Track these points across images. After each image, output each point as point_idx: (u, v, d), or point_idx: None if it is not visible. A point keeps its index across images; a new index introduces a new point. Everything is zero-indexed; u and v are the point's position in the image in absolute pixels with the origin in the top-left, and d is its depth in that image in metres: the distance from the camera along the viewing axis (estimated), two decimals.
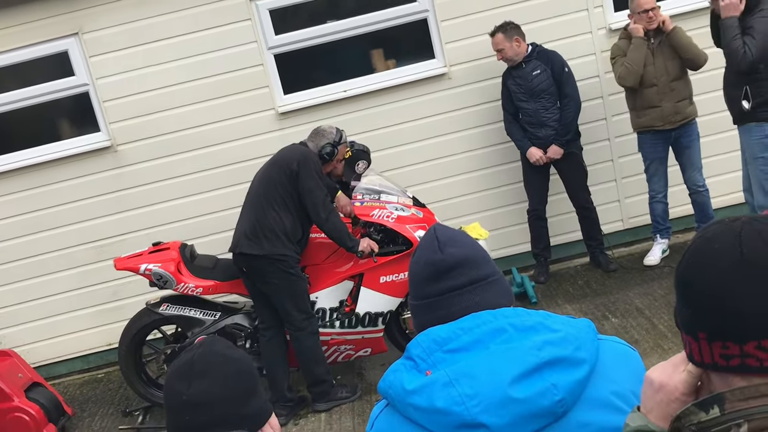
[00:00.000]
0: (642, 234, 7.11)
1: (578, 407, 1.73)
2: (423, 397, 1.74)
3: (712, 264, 1.29)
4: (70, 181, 6.73)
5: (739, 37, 5.40)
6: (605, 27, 6.81)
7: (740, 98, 5.62)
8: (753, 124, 5.69)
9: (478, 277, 1.87)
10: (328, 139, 5.50)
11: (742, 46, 5.39)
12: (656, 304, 6.08)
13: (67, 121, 6.96)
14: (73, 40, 6.54)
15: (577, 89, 6.45)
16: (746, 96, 5.60)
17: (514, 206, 6.95)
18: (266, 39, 6.65)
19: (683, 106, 6.32)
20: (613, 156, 7.02)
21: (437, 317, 1.86)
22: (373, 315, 5.66)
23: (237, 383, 1.98)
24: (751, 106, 5.60)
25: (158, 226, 6.71)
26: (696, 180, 6.52)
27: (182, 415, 1.93)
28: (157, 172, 6.73)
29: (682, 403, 1.37)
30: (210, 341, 2.06)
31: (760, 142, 5.70)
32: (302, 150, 5.42)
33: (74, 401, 6.52)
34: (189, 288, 5.66)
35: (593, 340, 1.82)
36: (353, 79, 6.82)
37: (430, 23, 6.76)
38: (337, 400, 5.65)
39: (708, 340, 1.30)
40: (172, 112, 6.65)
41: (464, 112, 6.85)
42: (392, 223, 5.62)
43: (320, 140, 5.50)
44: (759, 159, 5.74)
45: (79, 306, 6.93)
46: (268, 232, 5.30)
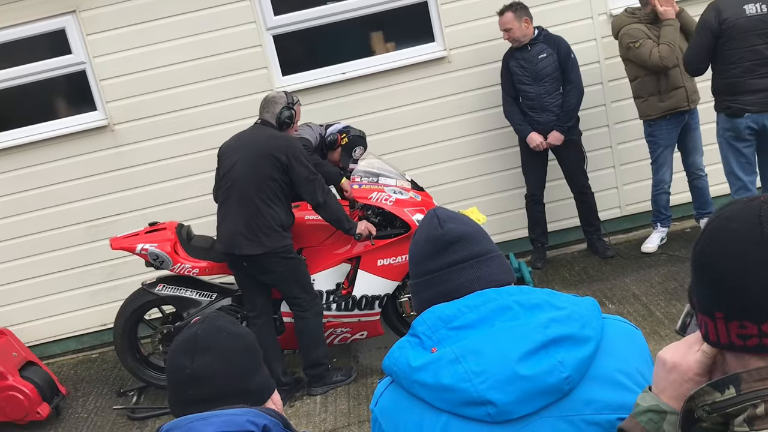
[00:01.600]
0: (639, 221, 7.11)
1: (584, 384, 1.73)
2: (429, 374, 1.74)
3: (732, 244, 1.28)
4: (66, 160, 6.69)
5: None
6: (606, 12, 6.78)
7: None
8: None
9: (479, 252, 1.87)
10: (282, 104, 5.39)
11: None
12: (653, 290, 6.08)
13: (63, 99, 6.92)
14: (70, 17, 6.49)
15: (580, 76, 6.43)
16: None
17: (512, 191, 6.94)
18: (265, 20, 6.61)
19: (696, 86, 6.37)
20: (612, 142, 7.01)
21: (438, 292, 1.86)
22: (370, 298, 5.65)
23: (240, 358, 1.97)
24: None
25: (154, 207, 6.68)
26: (698, 164, 6.53)
27: (185, 390, 1.92)
28: (153, 152, 6.69)
29: (696, 383, 1.36)
30: (213, 317, 2.05)
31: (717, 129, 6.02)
32: (283, 138, 5.31)
33: (68, 381, 6.50)
34: (185, 268, 5.64)
35: (598, 318, 1.82)
36: (352, 62, 6.78)
37: (430, 6, 6.72)
38: (333, 384, 5.65)
39: (725, 319, 1.29)
40: (169, 91, 6.61)
41: (463, 96, 6.82)
42: (390, 206, 5.60)
43: (275, 107, 5.38)
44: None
45: (74, 286, 6.91)
46: (266, 229, 5.23)
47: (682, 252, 6.59)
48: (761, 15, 5.59)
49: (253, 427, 1.84)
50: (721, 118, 5.89)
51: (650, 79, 6.26)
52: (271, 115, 5.38)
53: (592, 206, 6.74)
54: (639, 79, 6.32)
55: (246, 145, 5.31)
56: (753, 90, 5.69)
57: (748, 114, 5.73)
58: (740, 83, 5.70)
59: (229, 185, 5.29)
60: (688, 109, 6.33)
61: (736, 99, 5.74)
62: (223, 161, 5.41)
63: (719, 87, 5.83)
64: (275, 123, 5.37)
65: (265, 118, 5.41)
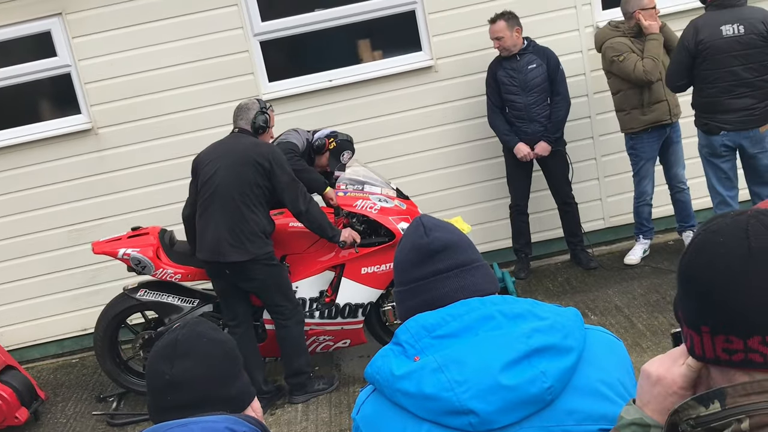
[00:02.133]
0: (623, 233, 7.13)
1: (566, 394, 1.73)
2: (412, 383, 1.73)
3: (719, 257, 1.28)
4: (49, 163, 6.65)
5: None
6: (592, 25, 6.81)
7: None
8: None
9: (464, 262, 1.88)
10: (255, 109, 5.37)
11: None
12: (635, 302, 6.10)
13: (47, 102, 6.88)
14: (56, 20, 6.46)
15: (567, 88, 6.46)
16: None
17: (496, 201, 6.95)
18: (252, 25, 6.60)
19: (678, 100, 6.40)
20: (596, 154, 7.04)
21: (423, 301, 1.86)
22: (353, 306, 5.64)
23: (220, 364, 1.95)
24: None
25: (137, 211, 6.65)
26: (680, 177, 6.56)
27: (164, 395, 1.90)
28: (137, 156, 6.66)
29: (680, 397, 1.35)
30: (194, 322, 2.03)
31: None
32: (264, 145, 5.30)
33: (48, 386, 6.45)
34: (167, 274, 5.61)
35: (581, 329, 1.82)
36: (339, 69, 6.78)
37: (418, 15, 6.73)
38: (314, 392, 5.62)
39: (711, 333, 1.29)
40: (154, 96, 6.59)
41: (449, 106, 6.83)
42: (375, 214, 5.59)
43: (248, 114, 5.35)
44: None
45: (55, 290, 6.85)
46: (251, 235, 5.19)
47: (665, 264, 6.62)
48: (738, 36, 5.61)
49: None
50: (699, 134, 5.97)
51: (633, 93, 6.29)
52: (246, 122, 5.36)
53: (576, 217, 6.76)
54: (622, 92, 6.35)
55: (227, 153, 5.27)
56: (730, 110, 5.74)
57: (724, 132, 5.79)
58: (718, 102, 5.75)
59: (210, 192, 5.24)
60: (670, 123, 6.37)
61: (713, 117, 5.80)
62: (201, 170, 5.32)
63: (698, 104, 5.90)
64: (251, 129, 5.34)
65: (241, 126, 5.37)
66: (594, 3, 6.82)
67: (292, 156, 5.60)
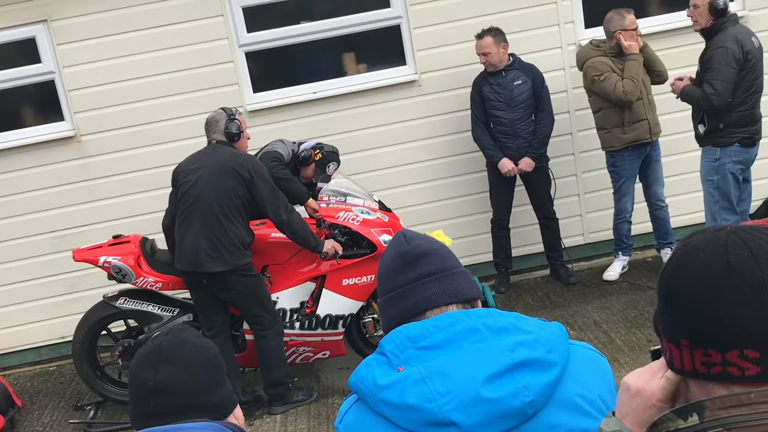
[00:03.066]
0: (602, 249, 7.19)
1: (548, 409, 1.75)
2: (395, 393, 1.75)
3: (698, 272, 1.29)
4: (30, 169, 6.63)
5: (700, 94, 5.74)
6: (575, 43, 6.88)
7: (698, 122, 5.84)
8: (707, 147, 5.95)
9: (444, 267, 1.90)
10: (223, 118, 5.35)
11: (706, 96, 5.68)
12: (614, 318, 6.14)
13: (30, 108, 6.85)
14: (41, 26, 6.45)
15: (552, 105, 6.52)
16: (702, 120, 5.89)
17: (478, 216, 6.99)
18: (238, 36, 6.62)
19: (657, 119, 6.47)
20: (577, 171, 7.10)
21: (406, 307, 1.87)
22: (334, 317, 5.65)
23: (204, 372, 1.96)
24: (705, 131, 5.84)
25: (119, 219, 6.63)
26: (659, 195, 6.62)
27: (147, 402, 1.91)
28: (120, 164, 6.65)
29: (659, 409, 1.36)
30: (178, 329, 2.04)
31: (711, 166, 5.94)
32: (244, 155, 5.31)
33: (24, 393, 6.40)
34: (148, 282, 5.59)
35: (564, 344, 1.84)
36: (323, 81, 6.81)
37: (402, 30, 6.78)
38: (293, 403, 5.61)
39: (690, 347, 1.30)
40: (139, 104, 6.59)
41: (433, 120, 6.87)
42: (357, 225, 5.61)
43: (219, 125, 5.34)
44: (708, 181, 6.00)
45: (34, 297, 6.81)
46: (229, 246, 5.19)
47: (644, 281, 6.68)
48: (759, 47, 5.82)
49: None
50: (733, 150, 5.86)
51: (613, 112, 6.35)
52: (220, 133, 5.34)
53: (557, 232, 6.81)
54: (602, 111, 6.41)
55: (207, 163, 5.26)
56: (759, 118, 5.90)
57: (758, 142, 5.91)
58: (755, 113, 5.84)
59: (190, 202, 5.22)
60: (650, 141, 6.43)
61: (750, 128, 5.85)
62: (181, 180, 5.31)
63: (733, 119, 5.80)
64: (226, 138, 5.34)
65: (216, 138, 5.36)
66: (577, 21, 6.90)
67: (277, 164, 5.61)
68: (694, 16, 5.81)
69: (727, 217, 5.93)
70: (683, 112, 6.41)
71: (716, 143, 5.88)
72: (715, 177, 5.93)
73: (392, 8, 6.73)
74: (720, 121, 5.80)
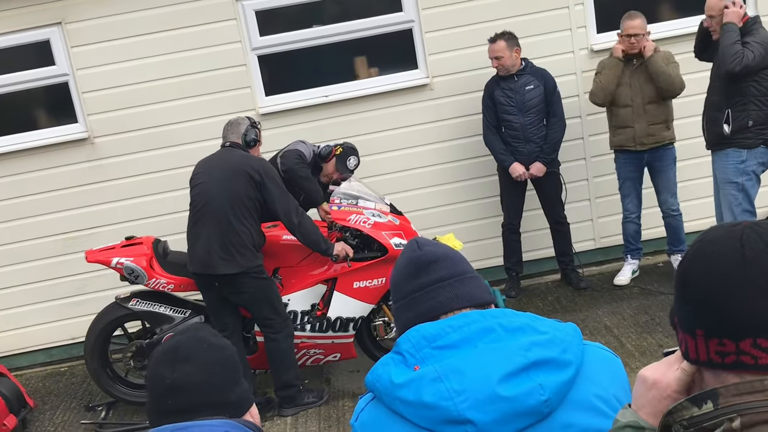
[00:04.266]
0: (613, 254, 7.18)
1: (563, 408, 1.76)
2: (411, 391, 1.76)
3: (714, 265, 1.35)
4: (44, 171, 6.66)
5: (740, 42, 5.53)
6: (587, 48, 6.89)
7: (722, 121, 5.74)
8: (731, 149, 5.82)
9: (457, 272, 1.92)
10: (245, 124, 5.43)
11: (742, 49, 5.51)
12: (625, 323, 6.14)
13: (44, 110, 6.89)
14: (56, 29, 6.49)
15: (563, 110, 6.53)
16: (727, 120, 5.73)
17: (489, 220, 6.99)
18: (251, 40, 6.65)
19: (657, 130, 6.39)
20: (589, 175, 7.10)
21: (420, 312, 1.89)
22: (345, 320, 5.66)
23: (221, 370, 1.98)
24: (731, 130, 5.71)
25: (131, 221, 6.65)
26: (670, 204, 6.60)
27: (165, 399, 1.93)
28: (133, 166, 6.68)
29: (674, 400, 1.40)
30: (195, 328, 2.06)
31: (736, 168, 5.83)
32: (256, 158, 5.35)
33: (36, 394, 6.43)
34: (160, 284, 5.62)
35: (579, 344, 1.85)
36: (335, 85, 6.83)
37: (414, 34, 6.80)
38: (304, 405, 5.63)
39: (705, 337, 1.35)
40: (152, 107, 6.62)
41: (444, 124, 6.88)
42: (369, 228, 5.63)
43: (239, 128, 5.41)
44: (732, 184, 5.87)
45: (46, 298, 6.84)
46: (241, 248, 5.22)
47: (654, 286, 6.67)
48: None
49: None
50: (759, 151, 5.80)
51: (607, 113, 6.57)
52: (237, 136, 5.41)
53: (568, 237, 6.82)
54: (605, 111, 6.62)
55: (218, 166, 5.32)
56: None
57: None
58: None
59: (202, 204, 5.28)
60: (635, 150, 6.43)
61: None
62: (195, 183, 5.39)
63: (760, 119, 5.73)
64: (242, 143, 5.39)
65: (232, 140, 5.42)
66: (589, 26, 6.90)
67: (300, 162, 5.68)
68: (711, 25, 5.77)
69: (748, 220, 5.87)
70: (693, 117, 6.42)
71: (742, 144, 5.79)
72: (741, 179, 5.85)
73: (404, 12, 6.75)
74: (749, 118, 5.70)
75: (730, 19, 5.59)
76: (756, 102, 5.69)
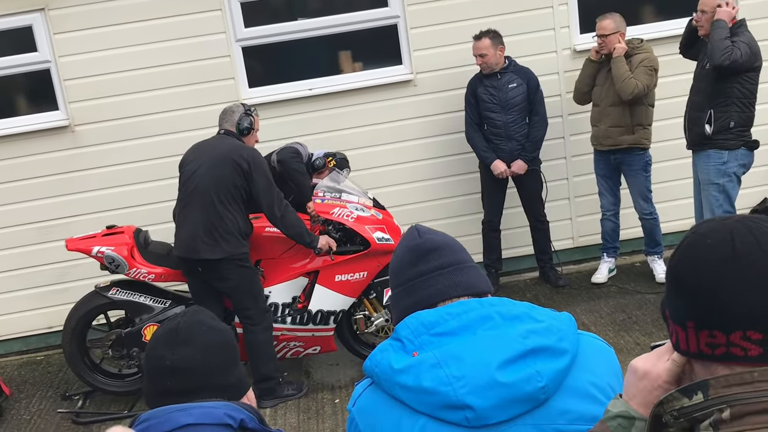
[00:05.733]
0: (591, 253, 7.24)
1: (559, 395, 1.79)
2: (410, 377, 1.78)
3: (705, 257, 1.37)
4: (23, 158, 6.60)
5: (729, 38, 5.60)
6: (570, 47, 6.94)
7: (704, 121, 5.80)
8: (712, 150, 5.89)
9: (456, 261, 1.94)
10: (240, 112, 5.45)
11: (731, 45, 5.58)
12: (602, 321, 6.20)
13: (24, 97, 6.82)
14: (38, 15, 6.43)
15: (545, 109, 6.58)
16: (709, 120, 5.80)
17: (470, 216, 7.03)
18: (235, 31, 6.64)
19: (616, 132, 6.42)
20: (569, 174, 7.15)
21: (418, 299, 1.91)
22: (326, 313, 5.67)
23: (220, 352, 1.99)
24: (712, 130, 5.78)
25: (111, 210, 6.61)
26: (641, 208, 6.65)
27: (164, 380, 1.94)
28: (114, 155, 6.64)
29: (665, 390, 1.42)
30: (194, 310, 2.07)
31: (717, 169, 5.90)
32: (247, 147, 5.35)
33: (12, 382, 6.36)
34: (141, 273, 5.59)
35: (575, 333, 1.88)
36: (319, 78, 6.84)
37: (399, 29, 6.82)
38: (283, 398, 5.64)
39: (696, 329, 1.37)
40: (134, 96, 6.58)
41: (427, 120, 6.91)
42: (352, 222, 5.64)
43: (233, 116, 5.43)
44: (713, 185, 5.94)
45: (22, 286, 6.79)
46: (225, 233, 5.24)
47: (632, 285, 6.75)
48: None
49: (230, 420, 1.87)
50: (740, 153, 5.88)
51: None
52: (231, 124, 5.43)
53: (547, 235, 6.87)
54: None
55: (209, 152, 5.34)
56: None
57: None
58: (753, 117, 5.86)
59: (190, 190, 5.30)
60: (600, 149, 6.56)
61: (749, 132, 5.88)
62: (184, 169, 5.42)
63: (740, 120, 5.81)
64: (236, 131, 5.40)
65: (226, 128, 5.45)
66: (572, 26, 6.95)
67: (296, 157, 5.70)
68: (701, 20, 5.82)
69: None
70: (672, 119, 6.51)
71: (723, 146, 5.86)
72: (722, 180, 5.91)
73: (390, 8, 6.76)
74: (731, 119, 5.77)
75: (722, 17, 5.65)
76: (738, 103, 5.76)
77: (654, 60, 6.32)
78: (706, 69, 5.80)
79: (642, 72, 6.26)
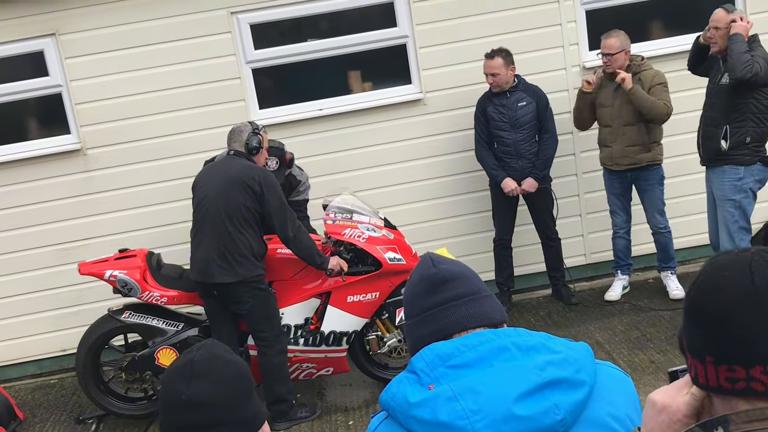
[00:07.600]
0: (603, 269, 7.22)
1: (577, 427, 1.77)
2: (427, 410, 1.76)
3: (724, 291, 1.35)
4: (36, 182, 6.64)
5: (748, 51, 5.56)
6: (579, 65, 6.94)
7: (719, 137, 5.77)
8: (727, 166, 5.85)
9: (471, 291, 1.92)
10: (247, 131, 5.43)
11: (751, 58, 5.54)
12: (616, 339, 6.17)
13: (36, 121, 6.88)
14: (49, 40, 6.48)
15: (555, 126, 6.58)
16: (725, 135, 5.76)
17: (481, 234, 7.02)
18: (245, 53, 6.66)
19: (633, 152, 6.40)
20: (580, 191, 7.14)
21: (432, 330, 1.89)
22: (338, 334, 5.66)
23: (236, 386, 1.99)
24: (728, 146, 5.75)
25: (124, 233, 6.64)
26: (657, 221, 6.63)
27: (180, 415, 1.93)
28: (126, 178, 6.67)
29: (684, 425, 1.41)
30: (210, 344, 2.07)
31: (732, 185, 5.86)
32: (257, 168, 5.35)
33: (26, 406, 6.38)
34: (153, 297, 5.60)
35: (592, 363, 1.87)
36: (329, 99, 6.86)
37: (408, 49, 6.84)
38: (296, 420, 5.62)
39: (715, 363, 1.35)
40: (145, 119, 6.62)
41: (437, 139, 6.92)
42: (363, 242, 5.63)
43: (242, 136, 5.42)
44: (729, 201, 5.90)
45: (37, 309, 6.81)
46: (239, 257, 5.23)
47: (645, 302, 6.71)
48: None
49: None
50: (756, 169, 5.85)
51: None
52: (240, 144, 5.42)
53: (559, 252, 6.85)
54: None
55: (219, 174, 5.35)
56: None
57: None
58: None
59: (202, 213, 5.31)
60: (612, 169, 6.52)
61: (764, 147, 5.84)
62: (196, 192, 5.44)
63: (758, 136, 5.78)
64: (245, 151, 5.41)
65: (235, 148, 5.45)
66: (581, 43, 6.96)
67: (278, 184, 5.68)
68: (714, 37, 5.79)
69: (744, 237, 5.89)
70: (684, 135, 6.49)
71: (739, 161, 5.82)
72: (738, 196, 5.87)
73: (398, 27, 6.78)
74: (747, 135, 5.73)
75: (738, 31, 5.63)
76: (754, 119, 5.73)
77: (663, 75, 6.34)
78: (720, 84, 5.78)
79: (660, 91, 6.26)
